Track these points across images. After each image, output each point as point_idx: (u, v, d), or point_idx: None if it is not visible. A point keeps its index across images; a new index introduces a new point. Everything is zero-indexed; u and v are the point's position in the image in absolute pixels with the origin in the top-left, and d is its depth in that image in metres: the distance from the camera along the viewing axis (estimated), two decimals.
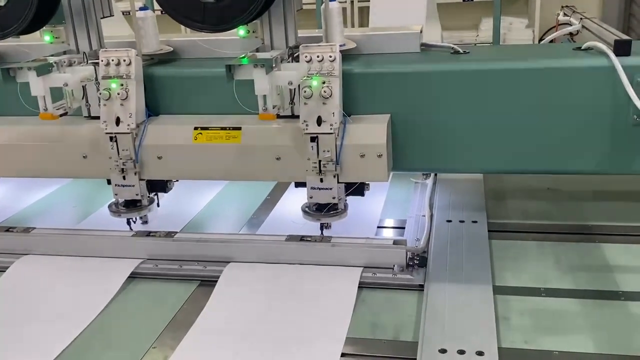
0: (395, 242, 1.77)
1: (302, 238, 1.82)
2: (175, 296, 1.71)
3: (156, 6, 1.80)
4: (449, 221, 2.00)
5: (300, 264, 1.78)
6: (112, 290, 1.72)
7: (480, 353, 1.36)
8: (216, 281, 1.72)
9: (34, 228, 1.97)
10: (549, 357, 1.37)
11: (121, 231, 1.93)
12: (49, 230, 1.98)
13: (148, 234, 1.89)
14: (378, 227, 2.05)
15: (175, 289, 1.74)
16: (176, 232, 1.90)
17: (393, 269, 1.71)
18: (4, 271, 1.84)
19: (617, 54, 1.64)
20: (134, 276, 1.80)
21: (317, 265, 1.77)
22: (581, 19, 2.35)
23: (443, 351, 1.38)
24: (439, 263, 1.75)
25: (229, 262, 1.81)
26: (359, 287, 1.66)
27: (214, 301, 1.65)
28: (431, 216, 2.01)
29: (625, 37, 1.75)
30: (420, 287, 1.65)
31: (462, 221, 1.99)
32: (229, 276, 1.76)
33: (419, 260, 1.76)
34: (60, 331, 1.56)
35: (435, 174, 2.28)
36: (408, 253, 1.74)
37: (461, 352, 1.37)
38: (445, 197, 2.18)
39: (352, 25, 5.66)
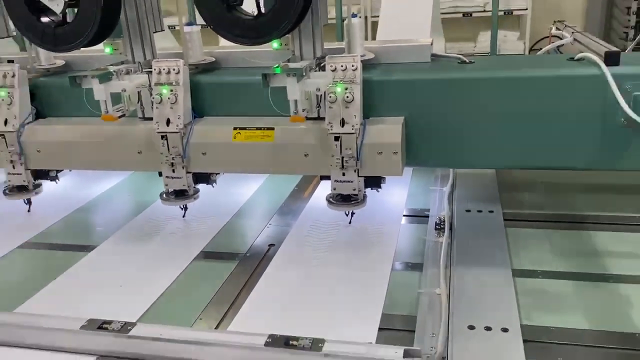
0: (407, 354, 1.19)
1: (287, 341, 1.25)
2: None
3: (200, 21, 1.78)
4: (468, 211, 1.94)
5: None
6: None
7: (505, 329, 1.32)
8: None
9: None
10: (547, 333, 1.33)
11: (70, 319, 1.39)
12: None
13: (101, 325, 1.35)
14: (404, 215, 2.00)
15: None
16: (134, 325, 1.35)
17: None
18: None
19: (608, 64, 1.58)
20: None
21: None
22: (572, 32, 2.27)
23: (471, 327, 1.33)
24: (463, 249, 1.68)
25: None
26: None
27: None
28: (448, 296, 1.44)
29: (614, 48, 1.69)
30: None
31: (479, 211, 1.93)
32: None
33: None
34: None
35: (452, 217, 1.92)
36: None
37: (488, 328, 1.32)
38: (463, 189, 2.11)
39: (366, 38, 5.60)
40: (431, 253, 1.70)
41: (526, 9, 5.36)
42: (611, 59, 1.60)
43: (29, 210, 2.10)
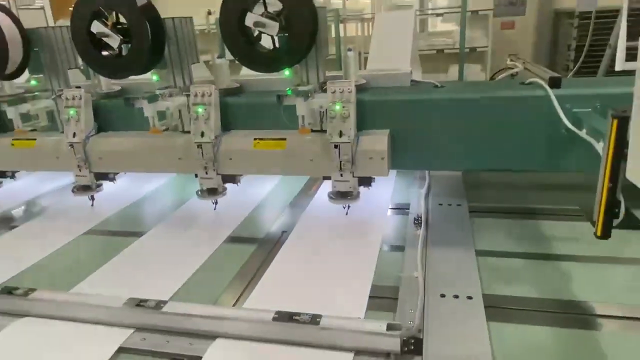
0: (390, 327, 1.17)
1: (291, 317, 1.23)
2: None
3: (227, 55, 1.80)
4: (440, 204, 1.94)
5: (287, 343, 1.21)
6: None
7: (469, 297, 1.33)
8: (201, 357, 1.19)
9: (35, 290, 1.44)
10: (504, 300, 1.34)
11: (113, 297, 1.37)
12: (45, 293, 1.43)
13: (138, 302, 1.34)
14: (390, 208, 1.98)
15: None
16: (166, 303, 1.34)
17: (387, 356, 1.15)
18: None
19: (551, 87, 1.60)
20: (121, 350, 1.24)
21: (307, 347, 1.20)
22: (524, 62, 2.29)
23: (443, 295, 1.34)
24: (436, 234, 1.68)
25: (216, 337, 1.25)
26: None
27: None
28: (424, 279, 1.39)
29: (557, 75, 1.71)
30: None
31: (449, 204, 1.94)
32: (213, 356, 1.20)
33: (414, 344, 1.15)
34: None
35: (427, 216, 1.84)
36: (402, 338, 1.15)
37: (456, 296, 1.33)
38: (436, 187, 2.11)
39: (360, 69, 5.62)
40: (410, 240, 1.69)
41: (487, 47, 5.42)
42: (554, 83, 1.62)
43: (92, 205, 2.12)
